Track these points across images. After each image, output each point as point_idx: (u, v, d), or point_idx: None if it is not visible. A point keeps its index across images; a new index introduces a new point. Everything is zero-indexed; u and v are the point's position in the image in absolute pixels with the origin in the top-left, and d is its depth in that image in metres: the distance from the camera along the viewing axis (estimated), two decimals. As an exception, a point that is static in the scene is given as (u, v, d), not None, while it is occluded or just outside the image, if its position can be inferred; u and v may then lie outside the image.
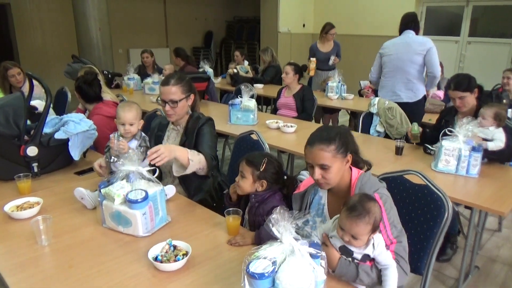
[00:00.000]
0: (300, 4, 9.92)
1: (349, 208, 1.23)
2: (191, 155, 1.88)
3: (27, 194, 1.88)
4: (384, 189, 1.42)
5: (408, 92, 3.41)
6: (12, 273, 1.32)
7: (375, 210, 1.23)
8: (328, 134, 1.39)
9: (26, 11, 8.04)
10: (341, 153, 1.38)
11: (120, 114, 1.98)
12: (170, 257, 1.35)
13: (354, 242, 1.24)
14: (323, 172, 1.38)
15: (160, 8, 10.23)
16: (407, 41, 3.38)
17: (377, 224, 1.24)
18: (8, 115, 1.99)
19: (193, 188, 2.12)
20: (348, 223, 1.22)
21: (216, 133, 2.21)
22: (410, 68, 3.37)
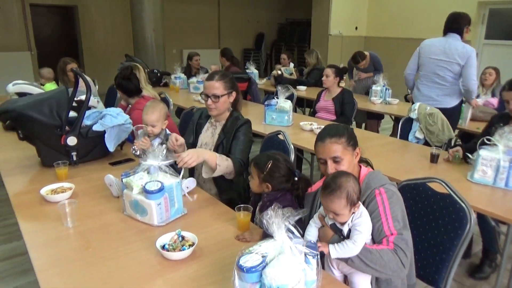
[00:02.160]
0: (353, 7, 9.72)
1: (323, 186, 1.31)
2: (219, 160, 1.95)
3: (63, 180, 2.04)
4: (392, 186, 1.42)
5: (445, 97, 3.30)
6: (36, 249, 1.44)
7: (347, 185, 1.27)
8: (336, 129, 1.48)
9: (90, 13, 8.66)
10: (351, 145, 1.45)
11: (143, 116, 2.10)
12: (177, 247, 1.40)
13: (337, 218, 1.29)
14: (336, 165, 1.44)
15: (214, 10, 10.53)
16: (447, 46, 3.22)
17: (352, 198, 1.27)
18: (52, 107, 2.17)
19: (223, 186, 2.18)
20: (324, 201, 1.30)
21: (252, 136, 2.25)
22: (448, 75, 3.25)
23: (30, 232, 1.57)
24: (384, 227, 1.32)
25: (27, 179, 2.11)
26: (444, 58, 3.23)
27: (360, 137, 3.04)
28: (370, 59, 5.00)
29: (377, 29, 9.89)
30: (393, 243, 1.30)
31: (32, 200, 1.83)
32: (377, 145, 2.91)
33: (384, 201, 1.35)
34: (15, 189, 1.97)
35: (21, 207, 1.78)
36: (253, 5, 11.10)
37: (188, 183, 1.91)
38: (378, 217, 1.34)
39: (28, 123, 2.13)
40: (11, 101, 2.35)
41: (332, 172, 1.42)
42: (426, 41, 3.40)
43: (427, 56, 3.34)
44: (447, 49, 3.22)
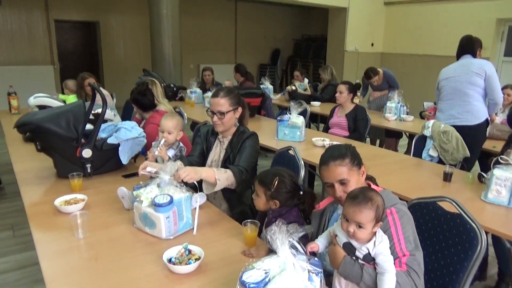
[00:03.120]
0: (369, 23, 9.76)
1: (352, 197, 1.27)
2: (218, 175, 1.93)
3: (77, 191, 2.08)
4: (403, 206, 1.40)
5: (468, 114, 3.17)
6: (47, 259, 1.48)
7: (377, 199, 1.25)
8: (339, 150, 1.45)
9: (111, 29, 8.93)
10: (356, 165, 1.44)
11: (162, 121, 2.15)
12: (183, 260, 1.42)
13: (359, 232, 1.24)
14: (343, 187, 1.42)
15: (231, 26, 10.72)
16: (464, 63, 3.20)
17: (379, 213, 1.24)
18: (69, 120, 2.24)
19: (234, 200, 2.19)
20: (351, 211, 1.24)
21: (258, 148, 2.26)
22: (469, 89, 3.15)
23: (42, 242, 1.61)
24: (396, 248, 1.29)
25: (42, 189, 2.17)
26: (459, 73, 3.19)
27: (373, 154, 3.06)
28: (384, 76, 4.99)
29: (394, 45, 9.88)
30: (406, 264, 1.27)
31: (46, 210, 1.88)
32: (389, 163, 2.89)
33: (395, 221, 1.33)
34: (30, 199, 2.03)
35: (35, 217, 1.83)
36: (269, 21, 11.26)
37: (198, 197, 1.93)
38: (390, 237, 1.30)
39: (46, 135, 2.20)
40: (30, 113, 2.44)
41: (340, 195, 1.41)
42: (443, 69, 3.39)
43: (444, 78, 3.32)
44: (461, 66, 3.21)
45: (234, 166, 2.06)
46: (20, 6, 7.83)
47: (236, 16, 10.73)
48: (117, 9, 8.84)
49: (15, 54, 7.94)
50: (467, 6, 8.12)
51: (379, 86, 5.11)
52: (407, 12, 9.42)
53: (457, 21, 8.10)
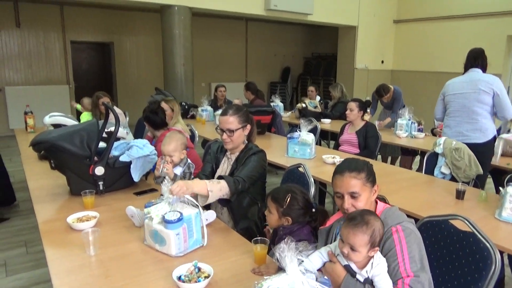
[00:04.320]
0: (379, 41, 9.82)
1: (349, 218, 1.27)
2: (210, 186, 1.91)
3: (90, 208, 2.11)
4: (411, 224, 1.38)
5: (476, 132, 3.14)
6: (58, 276, 1.50)
7: (374, 223, 1.24)
8: (356, 164, 1.45)
9: (125, 49, 9.16)
10: (370, 182, 1.43)
11: (161, 147, 2.18)
12: (192, 278, 1.42)
13: (353, 255, 1.23)
14: (353, 201, 1.41)
15: (242, 45, 10.89)
16: (473, 79, 3.14)
17: (375, 238, 1.23)
18: (83, 138, 2.29)
19: (239, 216, 2.19)
20: (345, 232, 1.24)
21: (264, 164, 2.25)
22: (477, 107, 3.12)
23: (54, 259, 1.63)
24: (400, 268, 1.27)
25: (56, 207, 2.21)
26: (469, 90, 3.14)
27: (384, 172, 3.04)
28: (393, 93, 5.00)
29: (404, 62, 9.90)
30: (409, 286, 1.24)
31: (59, 227, 1.91)
32: (401, 180, 2.86)
33: (401, 239, 1.31)
34: (44, 216, 2.06)
35: (48, 234, 1.85)
36: (279, 40, 11.42)
37: (207, 215, 1.94)
38: (394, 257, 1.29)
39: (60, 153, 2.24)
40: (45, 132, 2.50)
41: (348, 208, 1.40)
42: (449, 81, 3.34)
43: (452, 93, 3.26)
44: (469, 82, 3.15)
45: (228, 176, 2.05)
46: (38, 28, 8.10)
47: (246, 36, 10.90)
48: (130, 30, 9.08)
49: (32, 74, 8.18)
50: (478, 23, 8.14)
51: (389, 104, 5.10)
52: (417, 30, 9.47)
53: (468, 38, 8.10)
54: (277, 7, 7.74)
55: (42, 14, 8.06)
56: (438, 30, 8.91)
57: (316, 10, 8.36)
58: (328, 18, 8.85)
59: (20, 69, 8.05)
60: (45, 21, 8.14)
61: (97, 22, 8.67)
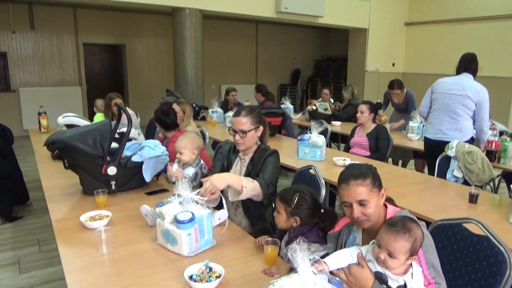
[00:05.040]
0: (390, 43, 9.77)
1: (390, 223, 1.23)
2: (244, 182, 1.96)
3: (102, 208, 2.14)
4: (423, 227, 1.34)
5: (456, 132, 3.31)
6: (72, 274, 1.51)
7: (416, 232, 1.21)
8: (360, 170, 1.40)
9: (137, 51, 9.25)
10: (377, 186, 1.39)
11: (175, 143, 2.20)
12: (204, 278, 1.42)
13: (390, 261, 1.20)
14: (362, 208, 1.38)
15: (252, 48, 10.92)
16: (463, 82, 3.29)
17: (416, 247, 1.20)
18: (96, 138, 2.31)
19: (255, 217, 2.20)
20: (386, 238, 1.21)
21: (280, 165, 2.28)
22: (460, 109, 3.29)
23: (68, 257, 1.65)
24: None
25: (69, 206, 2.24)
26: (456, 92, 3.29)
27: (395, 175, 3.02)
28: (405, 95, 4.95)
29: (415, 65, 9.83)
30: None
31: (72, 226, 1.93)
32: (412, 183, 2.84)
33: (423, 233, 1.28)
34: (57, 215, 2.09)
35: (61, 232, 1.88)
36: (290, 42, 11.42)
37: (219, 214, 1.95)
38: None
39: (73, 153, 2.28)
40: (59, 132, 2.54)
41: (358, 216, 1.36)
42: (441, 79, 3.48)
43: (440, 91, 3.40)
44: (460, 85, 3.28)
45: (260, 179, 2.07)
46: (52, 31, 8.23)
47: (257, 38, 10.93)
48: (142, 32, 9.17)
49: (46, 75, 8.31)
50: (490, 26, 8.05)
51: (399, 105, 5.06)
52: (428, 32, 9.40)
53: (480, 41, 8.01)
54: (287, 9, 7.75)
55: (55, 17, 8.19)
56: (450, 32, 8.83)
57: (327, 13, 8.35)
58: (338, 20, 8.83)
59: (34, 70, 8.18)
60: (59, 24, 8.27)
61: (109, 25, 8.78)
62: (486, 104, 3.23)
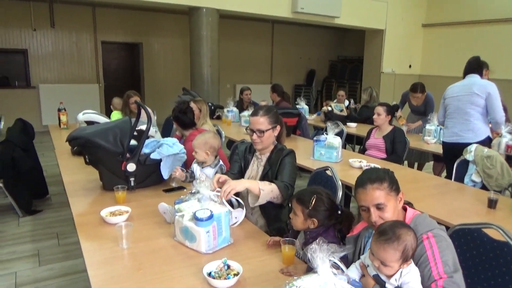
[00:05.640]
0: (407, 45, 9.67)
1: (379, 232, 1.24)
2: (261, 185, 1.98)
3: (121, 203, 2.18)
4: (442, 231, 1.35)
5: (469, 132, 3.40)
6: (94, 267, 1.55)
7: (406, 238, 1.21)
8: (377, 174, 1.42)
9: (154, 50, 9.35)
10: (394, 190, 1.39)
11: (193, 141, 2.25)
12: (222, 275, 1.44)
13: (384, 269, 1.21)
14: (379, 212, 1.38)
15: (267, 48, 10.93)
16: (469, 83, 3.42)
17: (408, 253, 1.20)
18: (116, 135, 2.36)
19: (271, 217, 2.22)
20: (376, 248, 1.22)
21: (296, 165, 2.29)
22: (470, 109, 3.38)
23: (89, 250, 1.69)
24: (433, 272, 1.25)
25: (89, 201, 2.29)
26: (463, 93, 3.43)
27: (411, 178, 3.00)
28: (425, 98, 4.89)
29: (432, 67, 9.71)
30: (442, 287, 1.22)
31: (93, 220, 1.98)
32: (429, 187, 2.82)
33: (432, 245, 1.29)
34: (78, 209, 2.14)
35: (82, 226, 1.92)
36: (305, 42, 11.39)
37: (236, 213, 1.97)
38: (426, 262, 1.27)
39: (94, 149, 2.33)
40: (80, 128, 2.60)
41: (376, 220, 1.37)
42: (449, 86, 3.63)
43: (450, 97, 3.55)
44: (465, 85, 3.43)
45: (278, 181, 2.08)
46: (71, 29, 8.38)
47: (272, 38, 10.94)
48: (159, 31, 9.26)
49: (65, 73, 8.46)
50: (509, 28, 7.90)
51: (417, 108, 5.01)
52: (446, 34, 9.27)
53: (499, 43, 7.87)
54: (304, 9, 7.74)
55: (75, 15, 8.34)
56: (468, 34, 8.70)
57: (344, 13, 8.31)
58: (355, 21, 8.78)
59: (53, 67, 8.35)
60: (78, 22, 8.42)
61: (127, 23, 8.89)
62: (495, 95, 3.28)
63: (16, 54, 8.06)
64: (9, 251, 3.03)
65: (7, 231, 3.37)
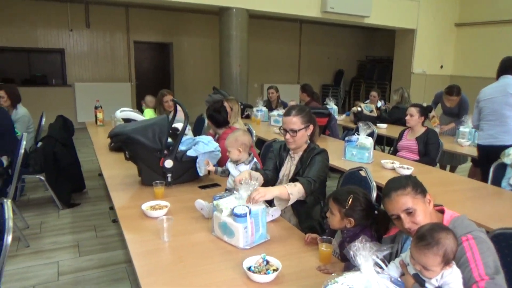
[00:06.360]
0: (438, 45, 9.45)
1: (418, 237, 1.23)
2: (290, 189, 1.97)
3: (159, 198, 2.26)
4: (482, 233, 1.33)
5: (505, 134, 3.39)
6: (139, 258, 1.63)
7: (445, 242, 1.20)
8: (399, 181, 1.44)
9: (183, 49, 9.52)
10: (419, 193, 1.40)
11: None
12: (262, 270, 1.49)
13: (426, 273, 1.21)
14: (411, 218, 1.39)
15: (295, 48, 10.92)
16: (502, 84, 3.41)
17: (449, 257, 1.20)
18: (155, 133, 2.45)
19: (303, 215, 2.25)
20: (416, 253, 1.22)
21: (328, 164, 2.29)
22: (506, 110, 3.38)
23: (133, 242, 1.77)
24: (474, 273, 1.23)
25: (129, 195, 2.38)
26: (497, 94, 3.41)
27: (444, 181, 2.95)
28: (460, 100, 4.78)
29: (465, 68, 9.45)
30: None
31: (134, 214, 2.06)
32: (464, 190, 2.77)
33: (472, 247, 1.28)
34: (119, 203, 2.24)
35: (125, 219, 2.01)
36: (333, 42, 11.32)
37: (273, 211, 2.01)
38: (466, 264, 1.26)
39: (134, 145, 2.42)
40: (121, 125, 2.70)
41: (409, 227, 1.37)
42: (482, 89, 3.61)
43: (484, 99, 3.53)
44: (500, 87, 3.41)
45: (302, 178, 2.10)
46: (105, 29, 8.66)
47: (300, 38, 10.92)
48: (189, 31, 9.43)
49: (99, 71, 8.76)
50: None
51: (451, 109, 4.89)
52: (480, 33, 9.00)
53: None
54: (333, 9, 7.70)
55: (109, 16, 8.61)
56: (503, 34, 8.41)
57: (374, 13, 8.21)
58: (386, 20, 8.66)
59: (88, 66, 8.65)
60: (112, 22, 8.69)
61: (159, 23, 9.10)
62: None
63: (54, 53, 8.42)
64: (51, 241, 3.19)
65: (49, 222, 3.54)
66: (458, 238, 1.30)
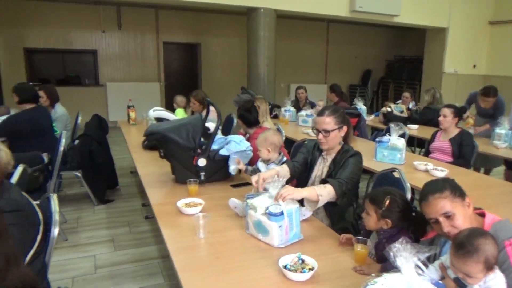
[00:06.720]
0: (471, 44, 9.17)
1: (456, 245, 1.21)
2: (319, 191, 1.96)
3: (193, 196, 2.31)
4: None
5: None
6: (176, 253, 1.68)
7: (485, 248, 1.18)
8: (436, 184, 1.41)
9: (211, 49, 9.63)
10: (458, 196, 1.37)
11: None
12: (297, 268, 1.50)
13: (469, 280, 1.20)
14: (449, 221, 1.36)
15: (322, 47, 10.84)
16: None
17: (490, 262, 1.17)
18: (189, 132, 2.50)
19: (335, 216, 2.24)
20: (456, 262, 1.20)
21: (361, 167, 2.27)
22: None
23: (170, 238, 1.82)
24: None
25: (164, 192, 2.45)
26: None
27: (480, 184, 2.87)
28: (496, 101, 4.63)
29: (499, 67, 9.13)
30: None
31: (170, 210, 2.12)
32: (501, 193, 2.69)
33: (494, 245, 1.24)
34: (155, 199, 2.30)
35: (161, 215, 2.07)
36: (361, 42, 11.16)
37: (304, 211, 2.02)
38: (509, 269, 1.23)
39: (169, 143, 2.49)
40: (155, 124, 2.78)
41: (449, 230, 1.35)
42: None
43: None
44: None
45: (333, 179, 2.08)
46: (136, 30, 8.87)
47: (327, 37, 10.83)
48: (217, 31, 9.52)
49: (130, 72, 8.98)
50: None
51: (485, 110, 4.74)
52: (517, 32, 8.67)
53: None
54: (362, 8, 7.60)
55: (140, 17, 8.81)
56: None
57: (404, 11, 8.04)
58: (416, 19, 8.47)
59: (120, 67, 8.89)
60: (142, 24, 8.89)
61: (187, 24, 9.24)
62: None
63: (87, 54, 8.70)
64: (88, 236, 3.31)
65: (85, 218, 3.68)
66: (500, 242, 1.27)
